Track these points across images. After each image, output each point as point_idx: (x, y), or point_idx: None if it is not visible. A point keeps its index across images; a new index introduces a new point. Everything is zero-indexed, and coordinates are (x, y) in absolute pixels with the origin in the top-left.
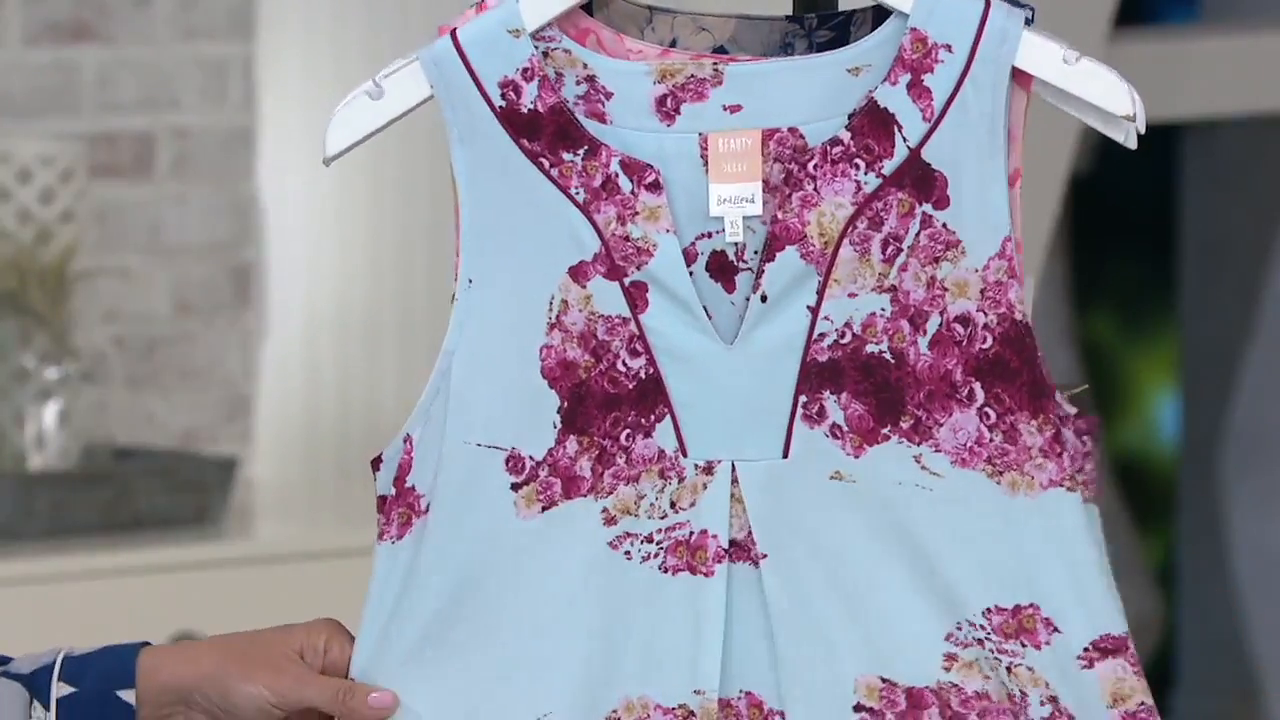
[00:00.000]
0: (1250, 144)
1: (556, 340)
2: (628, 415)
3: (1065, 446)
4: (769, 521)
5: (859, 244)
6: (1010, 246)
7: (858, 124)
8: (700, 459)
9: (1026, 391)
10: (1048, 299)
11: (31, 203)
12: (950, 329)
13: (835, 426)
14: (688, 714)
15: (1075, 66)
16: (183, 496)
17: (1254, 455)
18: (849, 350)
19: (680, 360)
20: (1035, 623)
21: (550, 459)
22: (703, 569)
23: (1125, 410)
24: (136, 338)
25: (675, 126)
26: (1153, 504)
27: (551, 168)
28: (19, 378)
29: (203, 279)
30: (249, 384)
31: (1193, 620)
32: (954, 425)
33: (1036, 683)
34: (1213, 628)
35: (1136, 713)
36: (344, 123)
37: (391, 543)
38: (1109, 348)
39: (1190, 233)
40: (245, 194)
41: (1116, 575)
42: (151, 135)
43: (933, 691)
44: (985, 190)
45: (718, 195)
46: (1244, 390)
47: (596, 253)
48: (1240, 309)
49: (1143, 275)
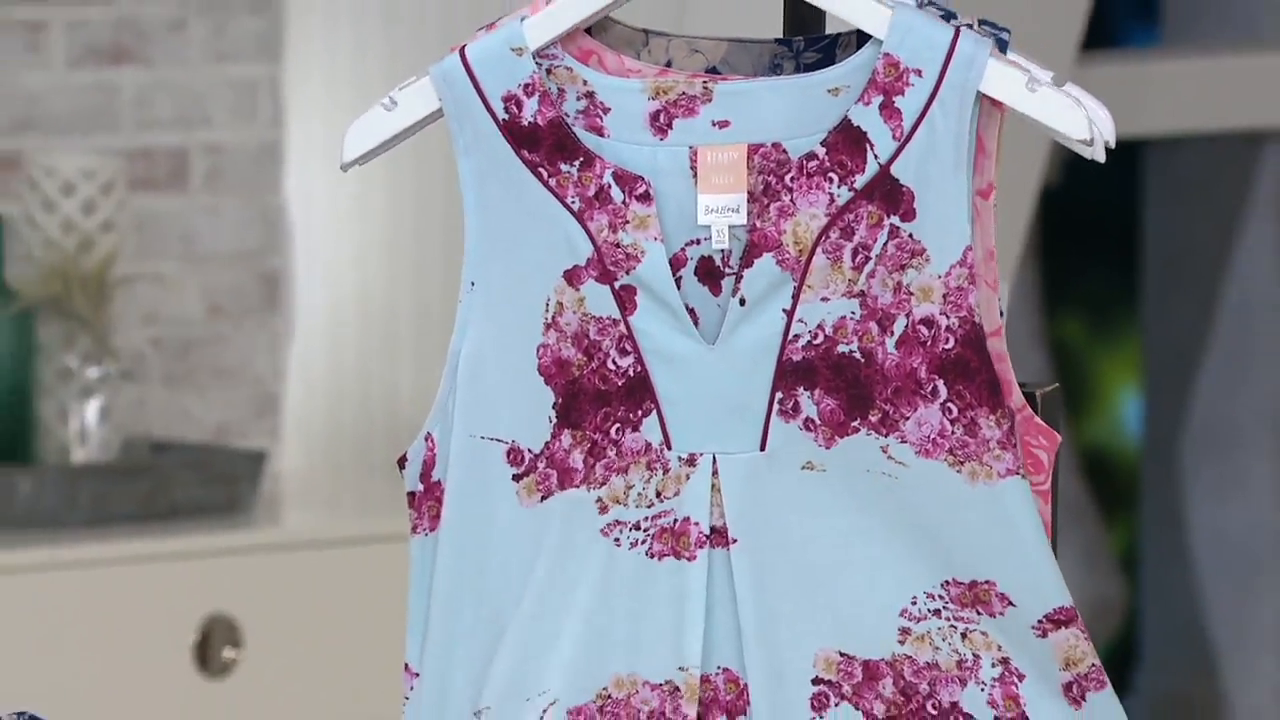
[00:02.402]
0: (1208, 160)
1: (552, 340)
2: (617, 410)
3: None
4: (744, 509)
5: (831, 252)
6: (970, 255)
7: (833, 140)
8: (684, 451)
9: (985, 388)
10: (1020, 303)
11: (75, 214)
12: (915, 330)
13: (809, 420)
14: (673, 689)
15: (1037, 94)
16: (215, 487)
17: (1211, 448)
18: (821, 350)
19: (666, 359)
20: (990, 596)
21: (547, 451)
22: (686, 554)
23: (1092, 407)
24: (172, 339)
25: (668, 140)
26: (1118, 494)
27: (549, 177)
28: (63, 377)
29: (233, 284)
30: (277, 382)
31: (1155, 603)
32: (918, 419)
33: (989, 646)
34: (1173, 610)
35: (1089, 674)
36: (360, 132)
37: (424, 535)
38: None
39: (1152, 243)
40: (273, 205)
41: (1083, 561)
42: (186, 150)
43: (887, 664)
44: (949, 204)
45: (705, 205)
46: (1202, 389)
47: (589, 258)
48: (1198, 314)
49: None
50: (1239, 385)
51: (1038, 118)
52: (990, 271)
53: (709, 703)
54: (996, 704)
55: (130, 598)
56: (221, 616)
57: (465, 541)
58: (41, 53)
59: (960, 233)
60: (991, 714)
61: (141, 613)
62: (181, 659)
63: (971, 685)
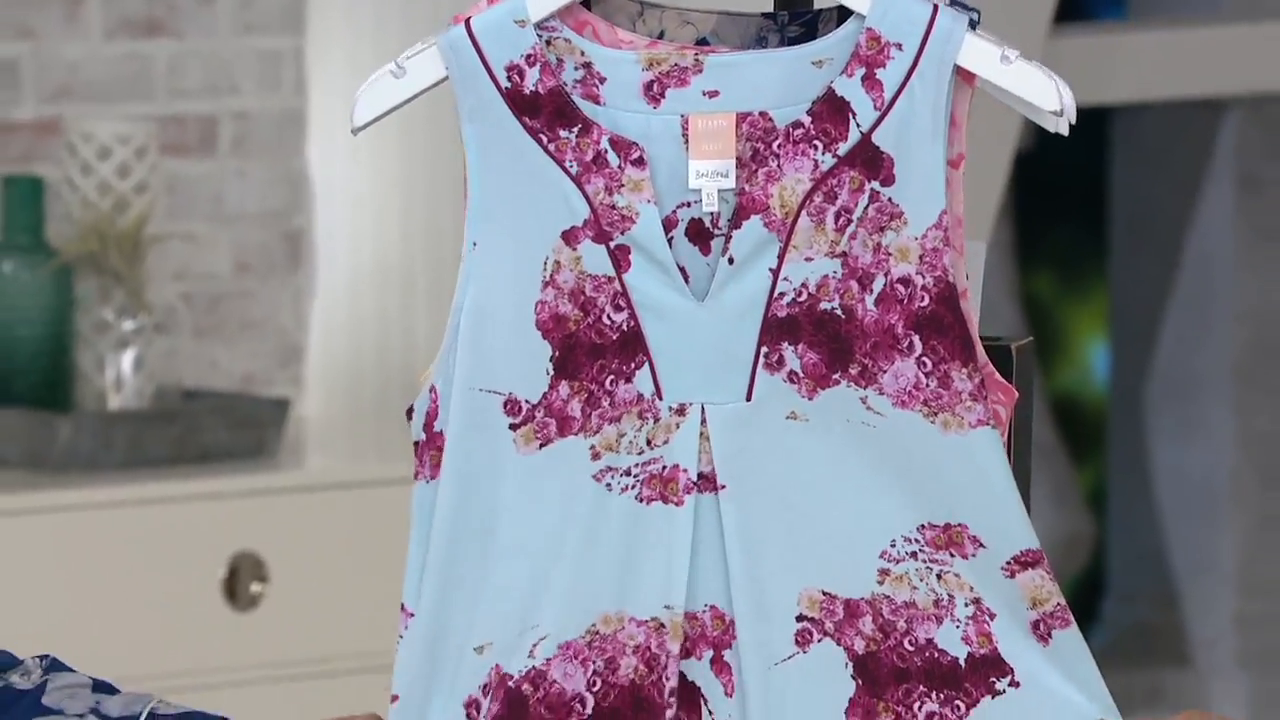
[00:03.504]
0: (1172, 126)
1: (550, 296)
2: (612, 363)
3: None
4: (731, 456)
5: (815, 215)
6: (946, 219)
7: (817, 110)
8: (674, 402)
9: (958, 343)
10: (995, 260)
11: (110, 176)
12: (893, 289)
13: (792, 373)
14: (659, 626)
15: (1011, 66)
16: (242, 432)
17: (1174, 395)
18: (805, 307)
19: (658, 315)
20: (963, 538)
21: (545, 402)
22: (674, 499)
23: (1062, 357)
24: (202, 294)
25: (661, 108)
26: (1086, 438)
27: (549, 143)
28: (100, 329)
29: (259, 242)
30: (300, 334)
31: (1120, 538)
32: (896, 372)
33: (962, 587)
34: (1138, 545)
35: (1054, 613)
36: (370, 98)
37: (426, 481)
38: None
39: (1119, 203)
40: (296, 168)
41: (1054, 500)
42: (215, 117)
43: (867, 602)
44: (926, 171)
45: (696, 170)
46: (1165, 339)
47: (586, 219)
48: (1162, 269)
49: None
50: (1200, 336)
51: (1011, 89)
52: (958, 237)
53: (696, 638)
54: (970, 640)
55: (163, 536)
56: (248, 553)
57: (464, 488)
58: (80, 25)
59: (936, 197)
60: (965, 650)
61: (173, 550)
62: (211, 593)
63: (947, 623)
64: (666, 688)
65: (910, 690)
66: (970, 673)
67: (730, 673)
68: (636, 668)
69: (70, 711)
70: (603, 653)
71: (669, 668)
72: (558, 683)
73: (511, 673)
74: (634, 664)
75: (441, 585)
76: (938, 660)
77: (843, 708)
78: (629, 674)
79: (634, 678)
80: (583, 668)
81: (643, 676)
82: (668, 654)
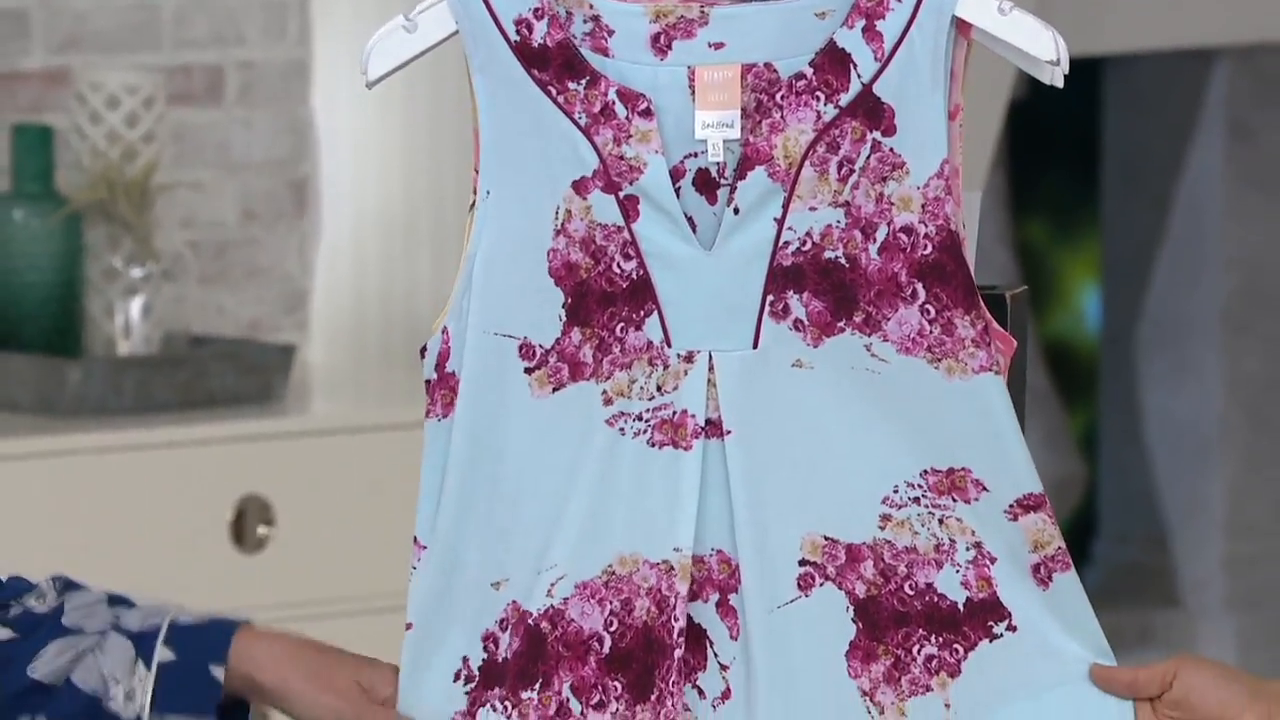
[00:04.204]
0: (1163, 74)
1: (561, 245)
2: (622, 310)
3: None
4: (737, 403)
5: (818, 165)
6: (947, 168)
7: (819, 61)
8: (682, 349)
9: (961, 290)
10: (989, 207)
11: (119, 125)
12: (896, 238)
13: (797, 321)
14: (669, 568)
15: (1008, 17)
16: (249, 378)
17: (1165, 340)
18: (809, 256)
19: (666, 263)
20: (966, 482)
21: (558, 347)
22: (683, 444)
23: (1055, 302)
24: (209, 241)
25: (667, 60)
26: (1078, 382)
27: (558, 95)
28: (109, 276)
29: (265, 190)
30: (305, 280)
31: (1111, 481)
32: (899, 319)
33: (964, 532)
34: (1128, 487)
35: (1055, 556)
36: (382, 53)
37: (438, 420)
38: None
39: (1111, 151)
40: (302, 117)
41: (1046, 443)
42: (221, 67)
43: (869, 547)
44: (927, 120)
45: (702, 120)
46: (1156, 285)
47: (595, 169)
48: (1153, 216)
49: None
50: (1190, 282)
51: (1008, 39)
52: (956, 188)
53: (703, 581)
54: (970, 585)
55: (171, 479)
56: (255, 496)
57: (480, 428)
58: None
59: (937, 147)
60: (964, 594)
61: (181, 493)
62: (219, 536)
63: (947, 567)
64: (675, 629)
65: (910, 634)
66: (968, 617)
67: (735, 616)
68: (649, 609)
69: (90, 630)
70: (619, 593)
71: (678, 609)
72: (575, 621)
73: (530, 610)
74: (647, 605)
75: (456, 521)
76: (937, 605)
77: (843, 651)
78: (642, 615)
79: (646, 619)
80: (600, 607)
81: (654, 617)
82: (676, 595)
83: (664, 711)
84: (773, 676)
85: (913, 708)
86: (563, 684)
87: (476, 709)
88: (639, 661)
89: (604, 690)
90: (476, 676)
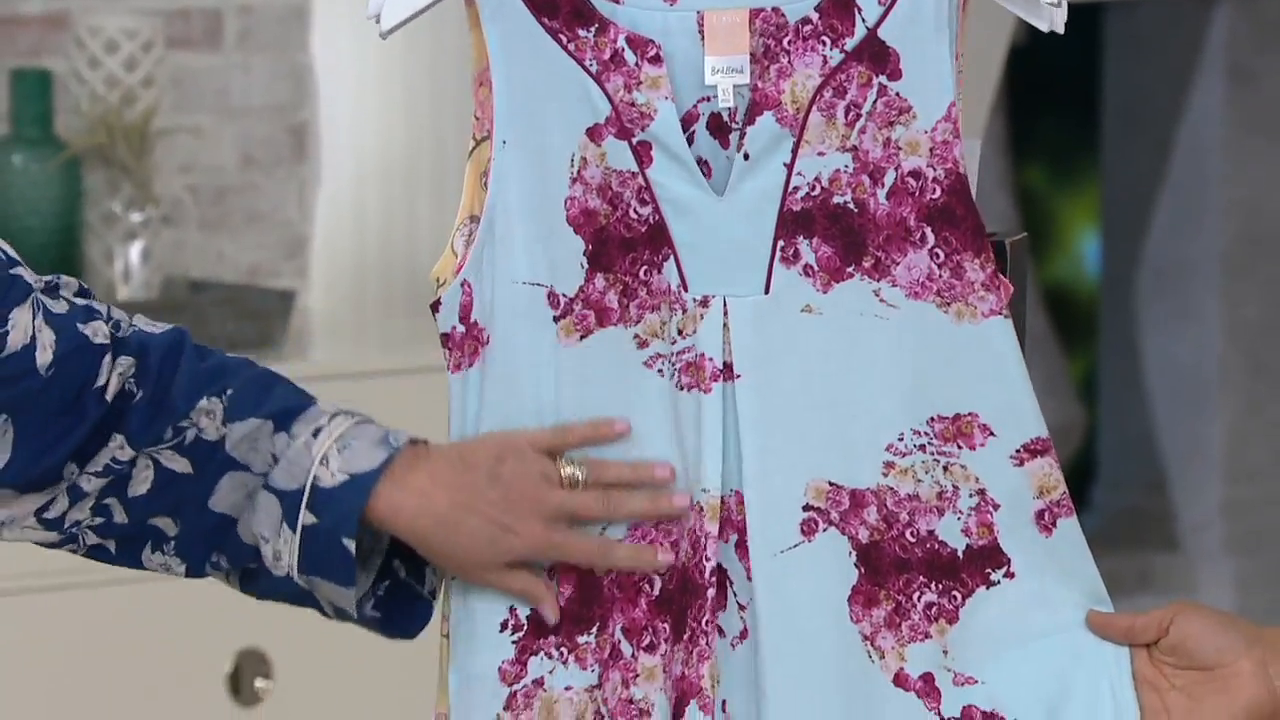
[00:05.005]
0: (1163, 19)
1: (578, 192)
2: (643, 254)
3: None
4: (748, 347)
5: (826, 110)
6: (954, 110)
7: (825, 6)
8: (698, 294)
9: (970, 234)
10: (989, 153)
11: (118, 70)
12: (904, 182)
13: (808, 266)
14: (700, 509)
15: None
16: (248, 323)
17: (1164, 284)
18: (819, 201)
19: (680, 209)
20: (973, 428)
21: (582, 295)
22: (703, 387)
23: (1055, 247)
24: (208, 187)
25: (677, 6)
26: (1078, 327)
27: (569, 42)
28: (108, 221)
29: (265, 136)
30: (305, 226)
31: (1110, 425)
32: (908, 264)
33: (968, 479)
34: (1128, 432)
35: (1059, 501)
36: (395, 1)
37: (465, 370)
38: (1041, 194)
39: (1111, 96)
40: (301, 63)
41: (1046, 388)
42: (220, 11)
43: (872, 493)
44: (933, 63)
45: (712, 65)
46: (1156, 230)
47: (608, 116)
48: (1152, 161)
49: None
50: (1190, 226)
51: None
52: None
53: (724, 522)
54: (970, 532)
55: None
56: None
57: (512, 377)
58: None
59: (944, 90)
60: (965, 541)
61: None
62: None
63: (949, 515)
64: (707, 569)
65: (910, 580)
66: (967, 563)
67: (750, 558)
68: (686, 550)
69: (256, 469)
70: (669, 535)
71: (709, 549)
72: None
73: None
74: (685, 546)
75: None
76: (938, 552)
77: (845, 595)
78: (683, 556)
79: (685, 559)
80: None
81: (689, 558)
82: (707, 536)
83: (697, 651)
84: (776, 620)
85: (912, 653)
86: (615, 626)
87: (527, 657)
88: (676, 602)
89: (654, 632)
90: (525, 625)
